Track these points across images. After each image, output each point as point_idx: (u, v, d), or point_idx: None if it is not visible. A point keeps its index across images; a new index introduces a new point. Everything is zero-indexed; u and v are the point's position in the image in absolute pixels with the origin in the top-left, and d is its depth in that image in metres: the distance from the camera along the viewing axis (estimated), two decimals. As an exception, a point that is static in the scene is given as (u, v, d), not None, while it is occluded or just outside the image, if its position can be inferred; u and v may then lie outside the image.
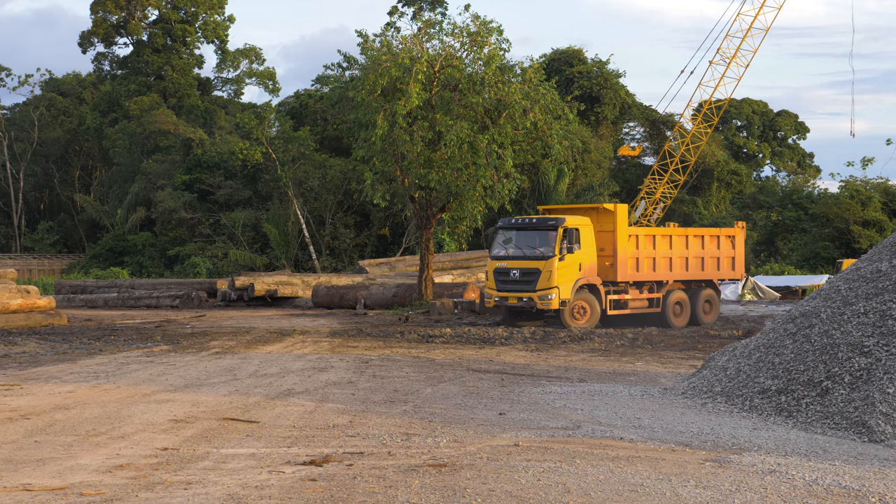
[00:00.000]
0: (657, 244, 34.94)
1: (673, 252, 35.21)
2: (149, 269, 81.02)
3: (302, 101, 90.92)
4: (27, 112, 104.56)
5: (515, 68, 41.62)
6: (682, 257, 35.42)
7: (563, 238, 33.12)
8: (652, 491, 9.67)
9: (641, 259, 34.66)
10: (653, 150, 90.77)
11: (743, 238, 37.24)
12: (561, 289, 33.02)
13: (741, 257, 37.11)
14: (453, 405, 15.31)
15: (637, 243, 34.65)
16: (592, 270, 33.76)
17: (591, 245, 33.84)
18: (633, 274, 34.47)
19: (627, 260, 34.31)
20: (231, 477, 10.16)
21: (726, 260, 36.43)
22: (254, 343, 28.05)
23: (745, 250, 37.20)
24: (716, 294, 36.41)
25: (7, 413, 14.52)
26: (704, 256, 35.82)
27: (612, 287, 34.29)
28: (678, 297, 35.26)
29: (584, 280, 33.46)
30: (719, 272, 36.33)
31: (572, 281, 33.24)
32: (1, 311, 36.41)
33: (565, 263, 33.11)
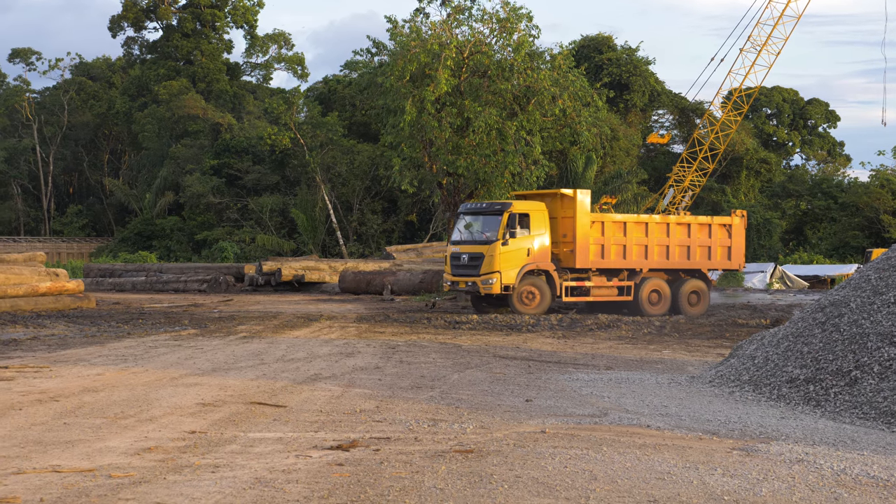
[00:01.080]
0: (629, 231, 34.42)
1: (650, 240, 34.54)
2: (177, 253, 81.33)
3: (330, 87, 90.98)
4: (57, 96, 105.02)
5: (545, 55, 41.55)
6: (661, 245, 34.73)
7: (508, 223, 33.15)
8: (679, 479, 9.64)
9: (608, 246, 34.20)
10: (682, 137, 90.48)
11: (742, 227, 36.15)
12: (503, 274, 33.13)
13: (739, 247, 36.03)
14: (480, 391, 15.31)
15: (603, 230, 34.19)
16: (544, 256, 33.66)
17: (544, 231, 33.69)
18: (597, 261, 34.09)
19: (589, 246, 33.93)
20: (258, 461, 10.18)
21: (721, 249, 35.54)
22: (281, 328, 28.11)
23: (743, 240, 36.10)
24: (705, 285, 35.52)
25: (36, 395, 14.60)
26: (691, 245, 35.04)
27: (570, 273, 34.04)
28: (655, 285, 34.67)
29: (534, 265, 33.40)
30: (711, 262, 35.50)
31: (518, 266, 33.28)
32: (30, 294, 36.60)
33: (509, 248, 33.18)
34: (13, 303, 35.61)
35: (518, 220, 33.43)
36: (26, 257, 39.14)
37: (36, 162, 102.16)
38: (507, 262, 33.23)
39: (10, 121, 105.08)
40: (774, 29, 61.51)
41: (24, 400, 14.13)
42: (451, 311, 35.30)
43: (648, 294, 34.66)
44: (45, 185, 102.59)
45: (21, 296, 36.28)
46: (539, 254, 33.59)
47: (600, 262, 34.17)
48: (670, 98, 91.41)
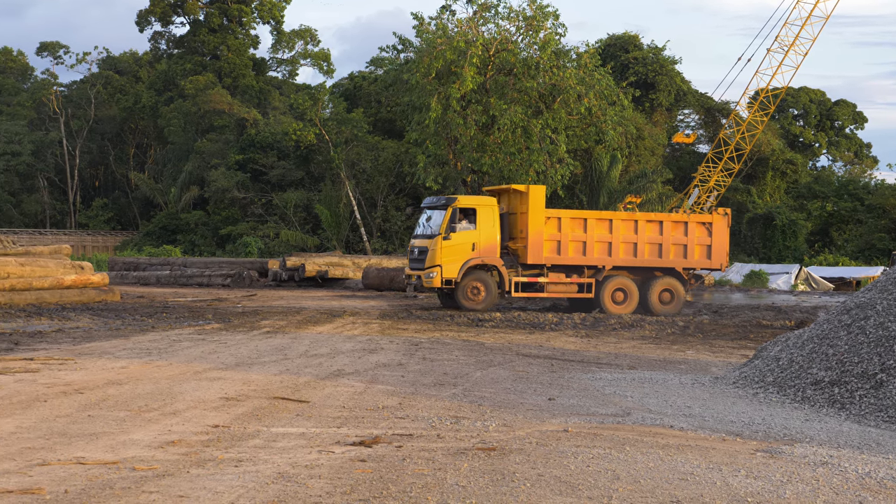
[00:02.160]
0: (590, 228, 34.04)
1: (614, 237, 34.10)
2: (201, 247, 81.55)
3: (356, 83, 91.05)
4: (84, 90, 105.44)
5: (571, 53, 41.54)
6: (628, 242, 34.25)
7: (451, 218, 33.41)
8: (702, 480, 9.62)
9: (565, 242, 33.94)
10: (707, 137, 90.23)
11: (724, 226, 35.17)
12: (444, 268, 33.49)
13: (721, 246, 35.04)
14: (503, 389, 15.30)
15: (559, 226, 33.91)
16: (492, 251, 33.73)
17: (492, 225, 33.76)
18: (552, 257, 33.89)
19: (543, 242, 33.76)
20: (281, 456, 10.20)
21: (699, 248, 34.76)
22: (304, 323, 28.16)
23: (727, 239, 35.22)
24: (679, 283, 34.82)
25: (61, 387, 14.66)
26: (663, 243, 34.44)
27: (521, 269, 33.97)
28: (620, 283, 34.36)
29: (479, 260, 33.54)
30: (687, 261, 34.74)
31: (461, 261, 33.49)
32: (55, 287, 36.76)
33: (452, 243, 33.46)
34: (38, 295, 35.77)
35: (463, 215, 33.72)
36: (52, 250, 39.32)
37: (62, 155, 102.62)
38: (449, 256, 33.62)
39: (37, 114, 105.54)
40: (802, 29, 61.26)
41: (49, 392, 14.20)
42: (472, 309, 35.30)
43: (612, 292, 34.34)
44: (72, 179, 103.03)
45: (46, 288, 36.44)
46: (485, 249, 33.72)
47: (556, 258, 33.97)
48: (696, 98, 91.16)
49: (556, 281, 34.06)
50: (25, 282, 35.82)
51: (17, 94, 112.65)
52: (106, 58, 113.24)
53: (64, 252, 39.79)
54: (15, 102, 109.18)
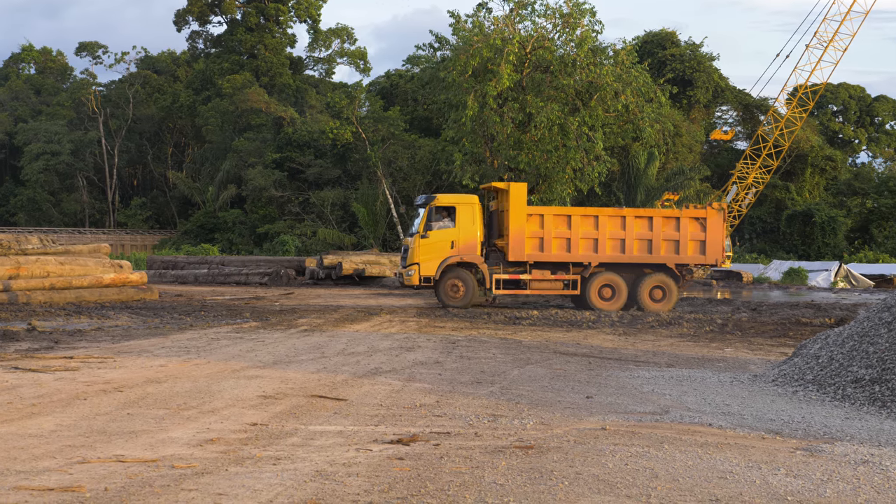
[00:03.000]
0: (574, 224, 33.84)
1: (600, 233, 33.85)
2: (238, 246, 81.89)
3: (392, 81, 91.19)
4: (123, 89, 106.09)
5: (608, 50, 41.32)
6: (615, 239, 33.95)
7: (428, 216, 33.87)
8: (741, 478, 9.56)
9: (549, 239, 33.82)
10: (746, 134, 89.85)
11: (719, 221, 34.41)
12: (422, 265, 33.95)
13: (716, 241, 34.30)
14: (540, 387, 15.27)
15: (542, 223, 33.81)
16: (471, 249, 33.99)
17: (472, 223, 34.01)
18: (535, 254, 33.80)
19: (525, 240, 33.73)
20: (319, 454, 10.22)
21: (692, 244, 34.15)
22: (341, 321, 28.21)
23: (723, 234, 34.45)
24: (671, 280, 34.30)
25: (101, 385, 14.75)
26: (654, 239, 34.00)
27: (503, 266, 34.03)
28: (607, 280, 34.09)
29: (458, 258, 33.85)
30: (679, 257, 34.16)
31: (440, 258, 33.84)
32: (95, 285, 36.99)
33: (430, 241, 33.88)
34: (78, 294, 36.00)
35: (442, 214, 34.10)
36: (91, 249, 39.56)
37: (101, 154, 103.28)
38: (427, 254, 34.02)
39: (76, 114, 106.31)
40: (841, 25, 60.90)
41: (88, 390, 14.28)
42: (512, 307, 35.26)
43: (599, 288, 34.13)
44: (110, 178, 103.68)
45: (86, 287, 36.67)
46: (465, 246, 33.99)
47: (539, 255, 33.88)
48: (734, 94, 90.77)
49: (539, 278, 34.02)
50: (65, 280, 36.06)
51: (56, 94, 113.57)
52: (144, 57, 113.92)
53: (103, 251, 40.02)
54: (54, 102, 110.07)
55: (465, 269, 34.21)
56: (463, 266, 34.23)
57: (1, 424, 11.65)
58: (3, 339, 22.25)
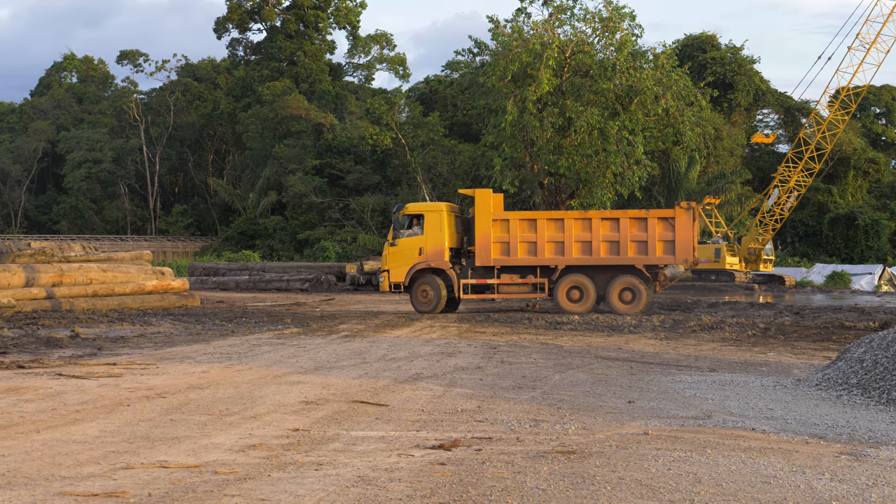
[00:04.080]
0: (539, 228, 34.07)
1: (566, 236, 33.97)
2: (279, 252, 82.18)
3: (432, 87, 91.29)
4: (163, 97, 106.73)
5: (647, 54, 41.17)
6: (582, 241, 34.00)
7: (396, 225, 34.63)
8: (785, 483, 9.49)
9: (514, 244, 34.13)
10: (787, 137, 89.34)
11: (688, 220, 33.87)
12: (392, 272, 34.68)
13: (685, 241, 33.80)
14: (581, 392, 15.22)
15: (508, 228, 34.16)
16: (439, 255, 34.43)
17: (439, 231, 34.45)
18: (501, 259, 34.23)
19: (490, 245, 34.16)
20: (361, 459, 10.23)
21: (660, 244, 33.80)
22: (382, 327, 28.24)
23: (692, 233, 33.88)
24: (640, 281, 34.10)
25: (144, 391, 14.83)
26: (620, 240, 33.87)
27: (471, 271, 34.51)
28: (574, 281, 34.19)
29: (425, 264, 34.29)
30: (647, 257, 33.90)
31: (408, 265, 34.37)
32: (137, 292, 37.22)
33: (398, 248, 34.60)
34: (121, 301, 36.24)
35: (410, 222, 34.79)
36: (133, 256, 39.82)
37: (143, 162, 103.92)
38: (396, 261, 34.71)
39: (118, 122, 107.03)
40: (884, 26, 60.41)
41: (131, 396, 14.37)
42: (553, 312, 35.20)
43: (567, 290, 34.30)
44: (152, 185, 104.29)
45: (128, 294, 36.91)
46: (432, 253, 34.49)
47: (505, 259, 34.30)
48: (775, 97, 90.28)
49: (508, 282, 34.42)
50: (108, 287, 36.31)
51: (98, 103, 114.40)
52: (184, 65, 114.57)
53: (145, 258, 40.28)
54: (96, 110, 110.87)
55: (435, 276, 34.69)
56: (432, 272, 34.73)
57: (46, 431, 11.73)
58: (48, 345, 22.41)
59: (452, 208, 35.71)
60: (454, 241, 35.05)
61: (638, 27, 40.31)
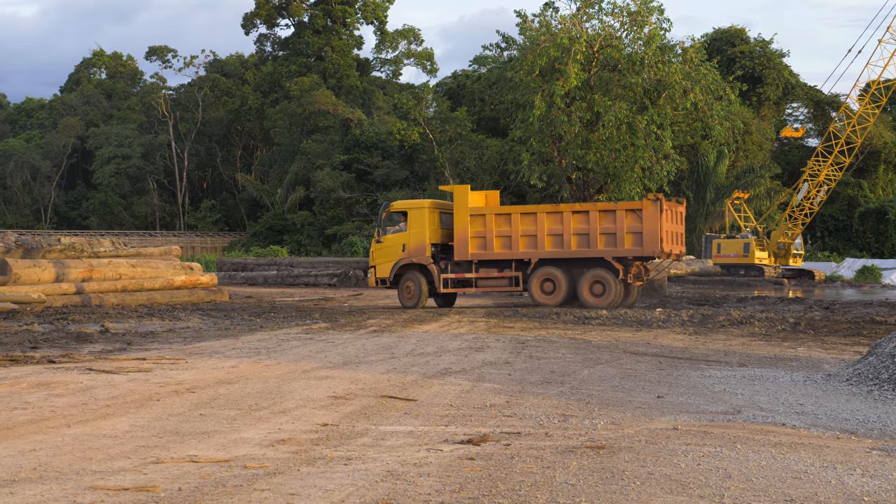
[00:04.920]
0: (514, 223, 34.42)
1: (538, 230, 34.19)
2: (307, 247, 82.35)
3: (459, 82, 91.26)
4: (192, 93, 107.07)
5: (676, 48, 41.03)
6: (554, 235, 34.21)
7: (381, 222, 35.51)
8: (816, 478, 9.44)
9: (490, 238, 34.53)
10: (817, 131, 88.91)
11: (655, 212, 33.67)
12: (378, 268, 35.54)
13: (652, 233, 33.61)
14: (610, 387, 15.19)
15: (484, 223, 34.56)
16: (420, 251, 34.96)
17: (421, 227, 34.98)
18: (479, 253, 34.67)
19: (468, 240, 34.59)
20: (390, 454, 10.23)
21: (629, 236, 33.80)
22: (410, 322, 28.27)
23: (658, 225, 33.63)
24: (609, 274, 34.19)
25: (173, 386, 14.88)
26: (590, 233, 33.98)
27: (451, 266, 35.00)
28: (547, 275, 34.43)
29: (408, 260, 34.90)
30: (616, 249, 33.94)
31: (393, 261, 35.04)
32: (166, 287, 37.35)
33: (383, 245, 35.41)
34: (150, 296, 36.38)
35: (395, 219, 35.55)
36: (162, 251, 39.97)
37: (171, 158, 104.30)
38: (382, 257, 35.60)
39: (146, 117, 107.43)
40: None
41: (161, 391, 14.42)
42: (580, 307, 35.13)
43: (541, 283, 34.58)
44: (180, 181, 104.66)
45: (157, 289, 37.05)
46: (415, 249, 35.06)
47: (482, 254, 34.74)
48: (805, 91, 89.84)
49: (485, 276, 34.84)
50: (137, 283, 36.46)
51: (127, 98, 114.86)
52: (213, 61, 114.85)
53: (174, 253, 40.42)
54: (125, 106, 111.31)
55: (417, 271, 35.22)
56: (415, 268, 35.25)
57: (76, 425, 11.79)
58: (78, 340, 22.53)
59: (438, 205, 36.19)
60: (437, 237, 35.54)
61: (666, 21, 40.19)
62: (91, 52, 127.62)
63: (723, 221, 71.81)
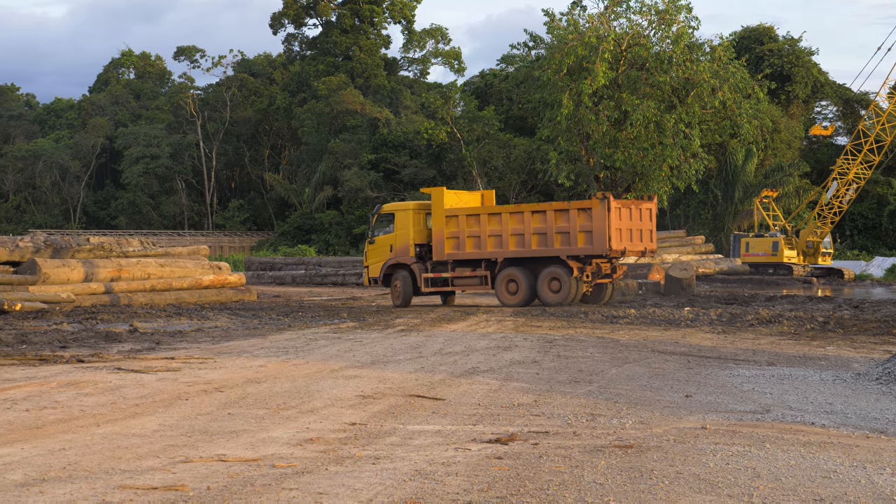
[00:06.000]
0: (483, 222, 34.84)
1: (503, 230, 34.55)
2: (335, 246, 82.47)
3: (487, 81, 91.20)
4: (220, 92, 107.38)
5: (704, 46, 40.87)
6: (517, 234, 34.51)
7: (375, 223, 36.67)
8: (846, 478, 9.40)
9: (463, 238, 35.04)
10: (846, 129, 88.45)
11: (602, 211, 33.78)
12: (370, 268, 36.81)
13: (601, 231, 33.82)
14: (639, 386, 15.16)
15: (458, 223, 35.04)
16: (405, 252, 35.84)
17: (406, 228, 35.87)
18: (454, 253, 35.27)
19: (444, 240, 35.18)
20: (418, 453, 10.24)
21: (581, 235, 34.05)
22: (438, 321, 28.28)
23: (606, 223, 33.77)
24: (564, 272, 34.32)
25: (202, 385, 14.93)
26: (548, 232, 34.22)
27: (430, 265, 35.64)
28: (510, 274, 34.79)
29: (395, 260, 35.86)
30: (571, 248, 34.15)
31: (382, 262, 36.13)
32: (194, 287, 37.49)
33: (375, 246, 36.66)
34: (178, 295, 36.52)
35: (384, 221, 36.56)
36: (190, 251, 40.12)
37: (199, 157, 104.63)
38: (374, 258, 36.85)
39: (175, 117, 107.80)
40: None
41: (190, 390, 14.47)
42: (609, 306, 35.07)
43: (506, 283, 34.96)
44: (208, 181, 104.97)
45: (185, 288, 37.19)
46: (400, 250, 36.04)
47: (457, 254, 35.30)
48: (834, 89, 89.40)
49: (460, 275, 35.44)
50: (165, 282, 36.60)
51: (155, 98, 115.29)
52: (241, 61, 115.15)
53: (202, 253, 40.56)
54: (153, 106, 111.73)
55: (404, 271, 36.01)
56: (402, 267, 36.07)
57: (105, 424, 11.85)
58: (107, 340, 22.63)
59: (424, 206, 36.71)
60: (422, 238, 36.25)
61: (695, 19, 40.04)
62: (120, 53, 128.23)
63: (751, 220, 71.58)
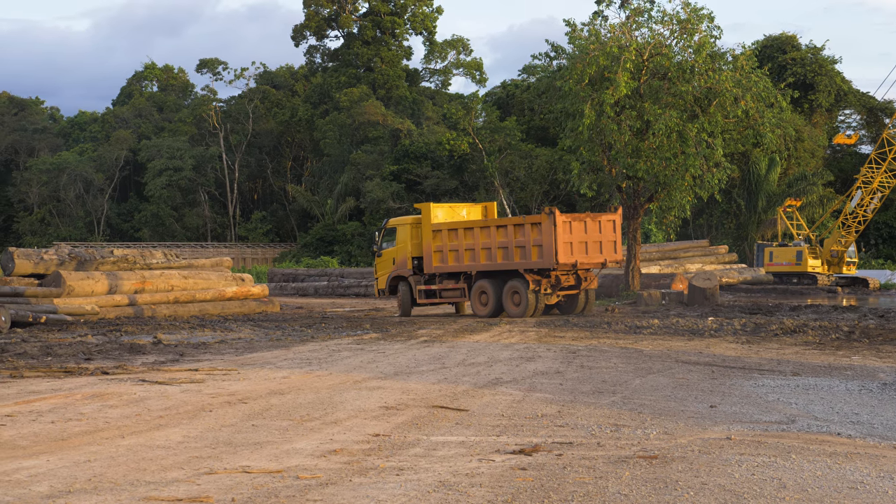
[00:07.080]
0: (461, 236, 35.33)
1: (476, 243, 35.02)
2: (357, 258, 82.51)
3: (509, 92, 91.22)
4: (242, 104, 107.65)
5: (726, 55, 40.81)
6: (487, 248, 34.89)
7: (382, 237, 37.58)
8: (872, 489, 9.34)
9: (446, 251, 35.62)
10: (870, 138, 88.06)
11: (549, 226, 33.66)
12: (378, 280, 38.14)
13: (549, 245, 33.72)
14: (663, 397, 15.11)
15: (442, 237, 35.66)
16: (404, 264, 36.72)
17: (405, 242, 36.74)
18: (440, 266, 35.87)
19: (432, 253, 35.80)
20: (442, 464, 10.22)
21: (535, 249, 34.10)
22: (461, 332, 28.25)
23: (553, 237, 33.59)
24: (522, 285, 34.34)
25: (225, 397, 14.95)
26: (510, 246, 34.45)
27: (422, 278, 36.39)
28: (481, 287, 35.21)
29: (396, 273, 36.85)
30: (527, 262, 34.25)
31: (387, 274, 37.18)
32: (217, 299, 37.57)
33: (382, 259, 37.83)
34: (201, 307, 36.60)
35: (389, 234, 37.46)
36: (213, 263, 40.20)
37: (222, 169, 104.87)
38: (381, 270, 37.93)
39: (197, 129, 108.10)
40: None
41: (213, 402, 14.49)
42: (632, 316, 34.98)
43: (479, 294, 35.34)
44: (231, 192, 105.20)
45: (209, 300, 37.26)
46: (401, 262, 37.01)
47: (442, 267, 35.90)
48: (858, 97, 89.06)
49: (446, 287, 36.01)
50: (189, 294, 36.69)
51: (178, 111, 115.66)
52: (263, 73, 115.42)
53: (225, 264, 40.64)
54: (176, 119, 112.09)
55: (403, 283, 36.82)
56: (401, 279, 36.92)
57: (130, 436, 11.87)
58: (131, 352, 22.69)
59: (420, 221, 36.78)
60: (418, 251, 36.70)
61: (716, 28, 40.02)
62: (143, 66, 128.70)
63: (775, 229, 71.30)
